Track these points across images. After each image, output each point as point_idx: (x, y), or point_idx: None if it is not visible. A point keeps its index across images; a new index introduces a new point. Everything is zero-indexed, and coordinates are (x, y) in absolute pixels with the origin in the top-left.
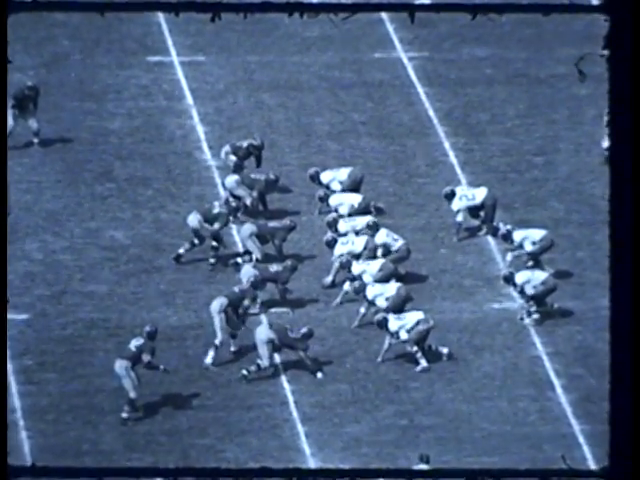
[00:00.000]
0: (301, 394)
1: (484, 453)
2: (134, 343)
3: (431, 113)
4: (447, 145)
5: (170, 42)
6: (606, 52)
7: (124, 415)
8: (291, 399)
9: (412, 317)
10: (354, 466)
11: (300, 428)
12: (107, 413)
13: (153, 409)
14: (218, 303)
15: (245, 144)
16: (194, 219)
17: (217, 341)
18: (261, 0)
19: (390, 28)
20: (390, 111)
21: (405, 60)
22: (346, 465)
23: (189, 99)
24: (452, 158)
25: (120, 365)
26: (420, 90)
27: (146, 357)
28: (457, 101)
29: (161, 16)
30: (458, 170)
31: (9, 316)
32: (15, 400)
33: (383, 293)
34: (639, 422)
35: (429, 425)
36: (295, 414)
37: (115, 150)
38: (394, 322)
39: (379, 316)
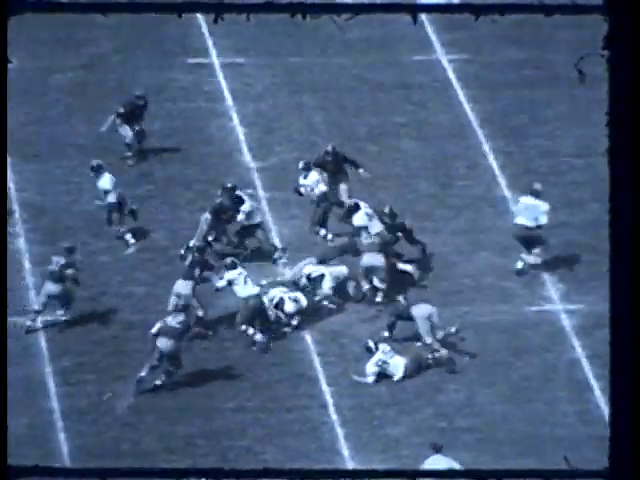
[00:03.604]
0: (340, 396)
1: (522, 455)
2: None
3: (471, 115)
4: (486, 147)
5: (210, 43)
6: (606, 52)
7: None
8: (330, 401)
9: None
10: (393, 467)
11: (339, 430)
12: (145, 414)
13: (192, 410)
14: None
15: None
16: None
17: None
18: (264, 1)
19: (430, 30)
20: (429, 113)
21: (445, 62)
22: (385, 467)
23: (229, 101)
24: (491, 160)
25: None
26: (460, 92)
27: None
28: (497, 103)
29: (201, 18)
30: (497, 172)
31: (48, 318)
32: (54, 401)
33: None
34: (639, 422)
35: (467, 427)
36: (334, 416)
37: (155, 151)
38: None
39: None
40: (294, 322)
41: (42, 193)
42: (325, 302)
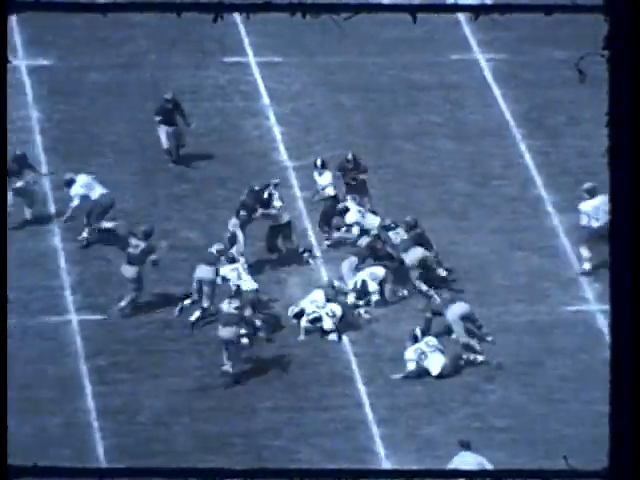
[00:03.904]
0: (376, 396)
1: (558, 455)
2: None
3: (507, 115)
4: (523, 147)
5: (247, 42)
6: (606, 52)
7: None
8: (366, 401)
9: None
10: (429, 467)
11: (375, 430)
12: (181, 414)
13: (227, 409)
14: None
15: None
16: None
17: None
18: (263, 0)
19: (467, 30)
20: (467, 113)
21: (482, 62)
22: (421, 466)
23: (266, 100)
24: (528, 160)
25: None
26: (497, 92)
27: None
28: (534, 103)
29: (238, 17)
30: (534, 172)
31: (84, 317)
32: (89, 401)
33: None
34: (639, 422)
35: (503, 427)
36: (370, 416)
37: (191, 150)
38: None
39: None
40: (333, 336)
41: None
42: (362, 312)
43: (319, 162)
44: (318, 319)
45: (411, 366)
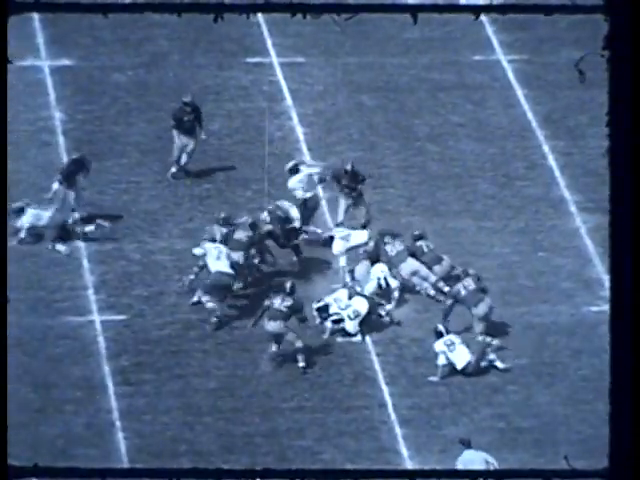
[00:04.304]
0: (399, 396)
1: (581, 456)
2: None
3: (530, 116)
4: (546, 148)
5: (270, 43)
6: (606, 52)
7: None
8: (389, 401)
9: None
10: (451, 468)
11: (398, 430)
12: (204, 414)
13: (250, 410)
14: None
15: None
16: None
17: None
18: (264, 1)
19: (490, 30)
20: (489, 114)
21: (504, 62)
22: (444, 467)
23: (288, 100)
24: (551, 161)
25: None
26: (519, 92)
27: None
28: (556, 104)
29: (260, 17)
30: (557, 173)
31: (106, 317)
32: (112, 401)
33: None
34: (639, 422)
35: (526, 427)
36: (393, 416)
37: (214, 151)
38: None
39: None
40: (357, 338)
41: (101, 192)
42: (388, 308)
43: (291, 165)
44: (341, 320)
45: (442, 360)
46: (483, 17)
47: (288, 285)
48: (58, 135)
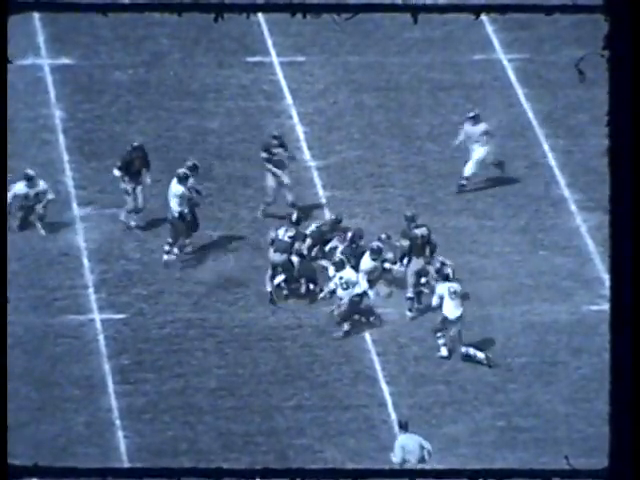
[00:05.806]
0: (399, 395)
1: (582, 455)
2: None
3: (530, 115)
4: (546, 147)
5: (270, 42)
6: (606, 52)
7: None
8: (389, 400)
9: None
10: (452, 467)
11: (398, 429)
12: (205, 413)
13: (250, 409)
14: None
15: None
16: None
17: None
18: (264, 1)
19: (490, 30)
20: (489, 113)
21: (505, 62)
22: (444, 466)
23: (289, 99)
24: (551, 160)
25: None
26: (520, 92)
27: None
28: (557, 103)
29: (261, 16)
30: (557, 172)
31: (107, 316)
32: (112, 400)
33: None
34: (639, 422)
35: (527, 427)
36: (393, 415)
37: (214, 149)
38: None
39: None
40: (370, 294)
41: (101, 191)
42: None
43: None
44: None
45: (435, 301)
46: (483, 16)
47: (294, 216)
48: (58, 134)
